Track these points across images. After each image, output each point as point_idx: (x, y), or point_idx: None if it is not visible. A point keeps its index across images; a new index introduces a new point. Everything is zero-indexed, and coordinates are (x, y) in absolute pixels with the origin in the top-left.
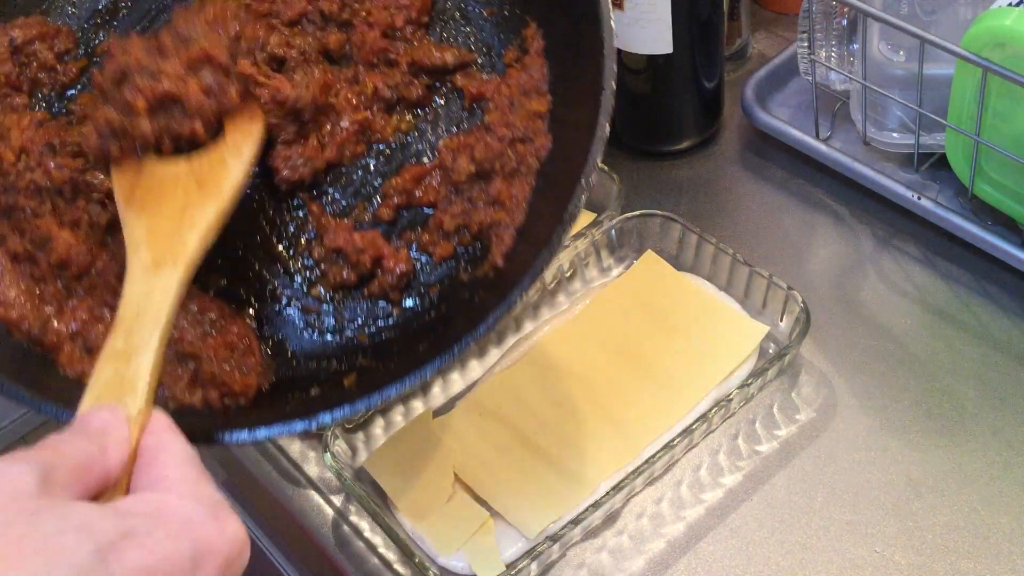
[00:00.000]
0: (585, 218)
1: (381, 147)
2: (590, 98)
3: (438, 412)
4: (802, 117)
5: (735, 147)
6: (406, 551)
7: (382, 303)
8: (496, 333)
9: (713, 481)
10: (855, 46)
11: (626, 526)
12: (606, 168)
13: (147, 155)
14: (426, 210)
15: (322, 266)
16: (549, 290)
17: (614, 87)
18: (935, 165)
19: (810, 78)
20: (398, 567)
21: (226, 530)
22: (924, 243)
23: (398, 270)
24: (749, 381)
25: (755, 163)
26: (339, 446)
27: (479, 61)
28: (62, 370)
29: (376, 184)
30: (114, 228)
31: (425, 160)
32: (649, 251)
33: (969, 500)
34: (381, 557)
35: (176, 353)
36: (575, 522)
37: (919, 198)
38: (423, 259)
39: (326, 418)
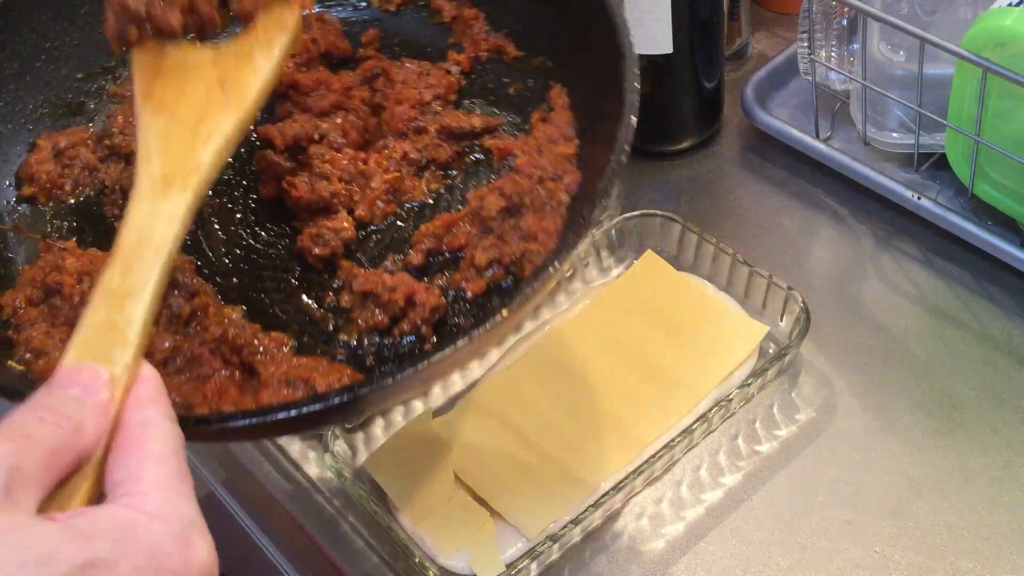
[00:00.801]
0: None
1: (413, 207)
2: (612, 131)
3: (438, 412)
4: (802, 117)
5: (735, 147)
6: (406, 551)
7: (411, 338)
8: None
9: (713, 481)
10: (855, 46)
11: (626, 526)
12: None
13: (170, 41)
14: (457, 254)
15: (352, 312)
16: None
17: (634, 121)
18: (935, 165)
19: (810, 78)
20: (398, 567)
21: (192, 560)
22: (924, 243)
23: (430, 303)
24: (749, 381)
25: (755, 163)
26: (339, 446)
27: (506, 123)
28: None
29: (407, 236)
30: (195, 319)
31: (457, 209)
32: (649, 251)
33: (969, 500)
34: (381, 557)
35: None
36: (575, 522)
37: (919, 198)
38: (455, 295)
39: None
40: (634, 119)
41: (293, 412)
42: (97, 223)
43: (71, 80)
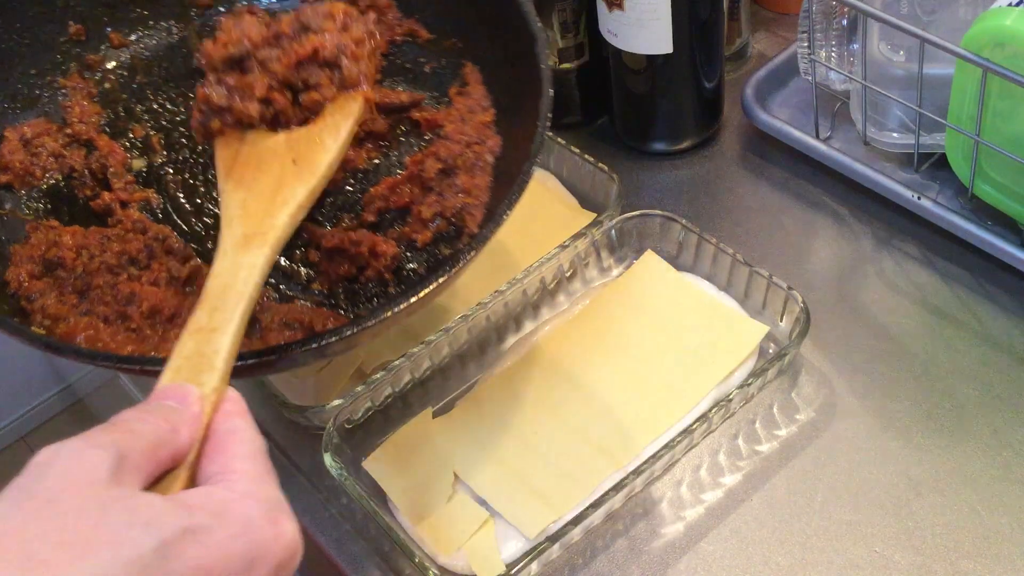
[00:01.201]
0: (585, 218)
1: (357, 174)
2: (529, 102)
3: (438, 412)
4: (802, 117)
5: (735, 147)
6: (406, 551)
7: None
8: (496, 332)
9: (713, 481)
10: (855, 46)
11: (626, 526)
12: (606, 168)
13: (248, 130)
14: (404, 211)
15: (320, 266)
16: (549, 290)
17: (551, 93)
18: (935, 165)
19: (810, 78)
20: (398, 567)
21: (282, 535)
22: (924, 243)
23: (390, 253)
24: (749, 381)
25: (755, 163)
26: (339, 446)
27: (428, 97)
28: None
29: (358, 198)
30: (191, 279)
31: (397, 173)
32: (649, 251)
33: (969, 500)
34: (381, 557)
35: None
36: (575, 522)
37: (919, 198)
38: (407, 244)
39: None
40: (551, 92)
41: (313, 345)
42: (71, 203)
43: (27, 76)
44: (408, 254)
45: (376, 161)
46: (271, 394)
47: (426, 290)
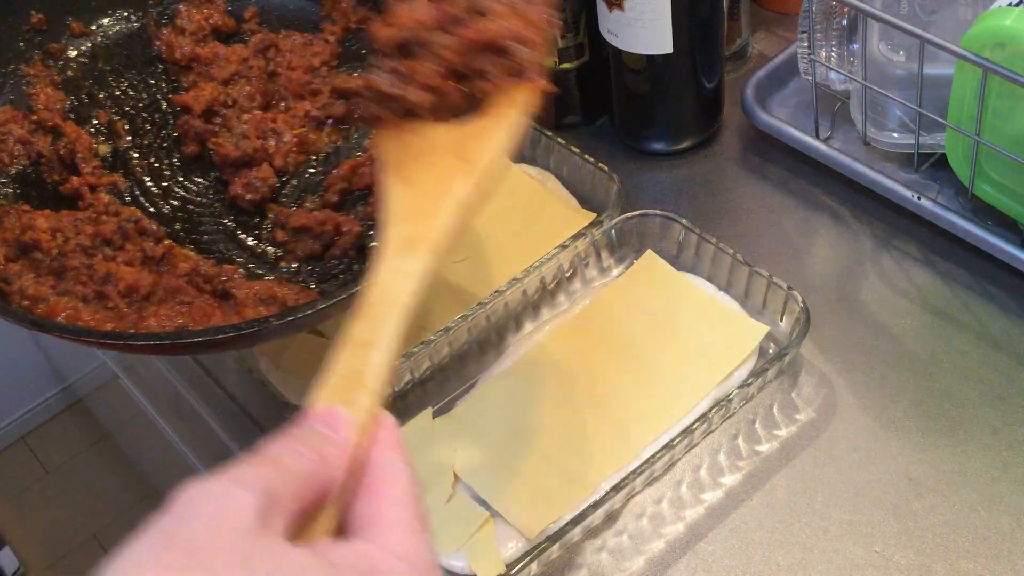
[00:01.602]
0: (585, 218)
1: (320, 156)
2: None
3: (438, 412)
4: (802, 117)
5: (735, 147)
6: None
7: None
8: (496, 332)
9: (713, 481)
10: (855, 46)
11: (626, 526)
12: (606, 168)
13: (413, 120)
14: (366, 191)
15: (288, 245)
16: (549, 290)
17: None
18: (935, 165)
19: (810, 78)
20: None
21: None
22: (924, 243)
23: (354, 231)
24: (749, 381)
25: (755, 163)
26: None
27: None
28: None
29: (320, 180)
30: (165, 259)
31: (357, 156)
32: (649, 251)
33: (969, 500)
34: None
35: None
36: (575, 522)
37: (919, 198)
38: (370, 224)
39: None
40: None
41: (289, 318)
42: (40, 188)
43: None
44: (371, 232)
45: (338, 144)
46: (271, 394)
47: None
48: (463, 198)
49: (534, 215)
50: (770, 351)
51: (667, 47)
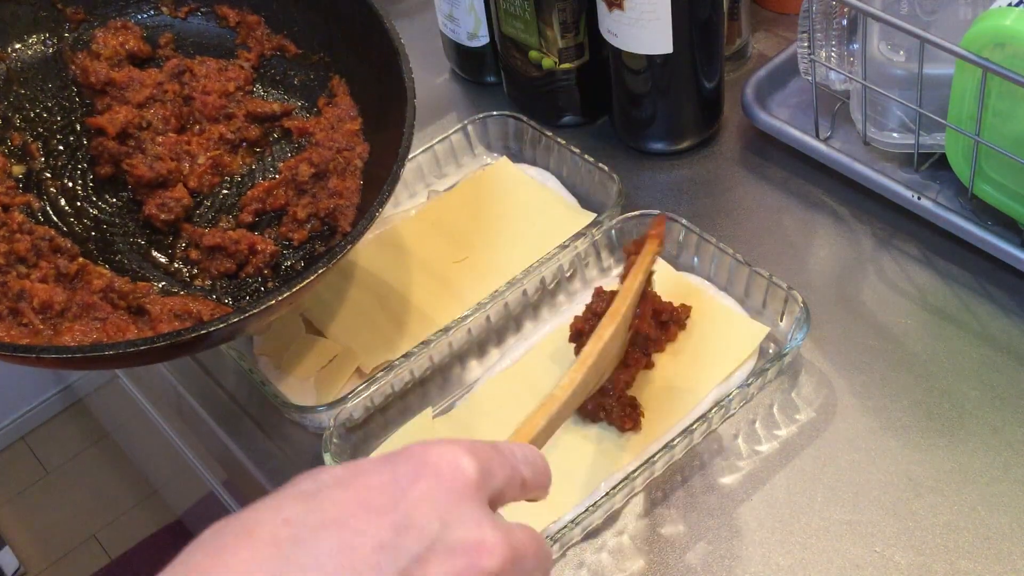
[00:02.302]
0: (585, 218)
1: (234, 178)
2: (396, 111)
3: (438, 412)
4: (802, 117)
5: (735, 147)
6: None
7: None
8: (496, 332)
9: (713, 481)
10: (855, 46)
11: (626, 526)
12: (606, 168)
13: None
14: (280, 212)
15: (202, 264)
16: (549, 290)
17: (414, 104)
18: (935, 165)
19: (810, 78)
20: None
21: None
22: (924, 243)
23: (268, 250)
24: (749, 381)
25: (755, 163)
26: (339, 446)
27: (298, 107)
28: None
29: (234, 201)
30: (79, 276)
31: (272, 177)
32: None
33: (969, 500)
34: None
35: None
36: (575, 522)
37: (919, 198)
38: (285, 243)
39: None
40: (415, 101)
41: (202, 331)
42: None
43: None
44: (285, 252)
45: (252, 166)
46: (271, 394)
47: (306, 280)
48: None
49: (534, 215)
50: (770, 351)
51: (667, 47)
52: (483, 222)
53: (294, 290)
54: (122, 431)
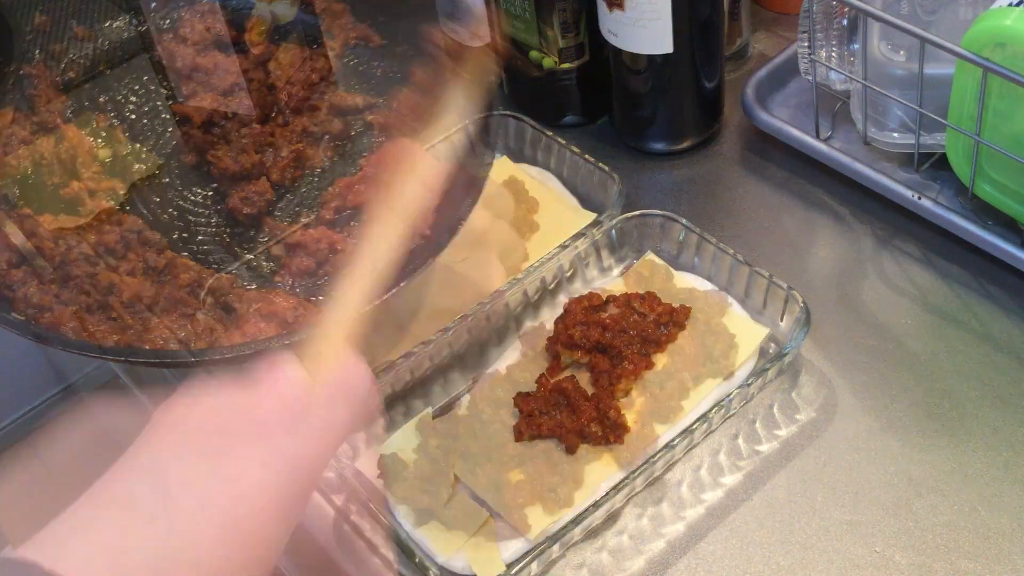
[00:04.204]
0: (585, 218)
1: (317, 171)
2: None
3: (438, 412)
4: (802, 117)
5: (735, 147)
6: (406, 551)
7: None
8: (496, 332)
9: (713, 481)
10: (855, 46)
11: (626, 526)
12: (606, 168)
13: None
14: (359, 209)
15: (282, 260)
16: (549, 290)
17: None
18: (935, 165)
19: (810, 78)
20: (398, 567)
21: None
22: (924, 243)
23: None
24: (749, 381)
25: (755, 163)
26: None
27: (381, 103)
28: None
29: (315, 196)
30: (167, 269)
31: (352, 172)
32: (649, 251)
33: (969, 500)
34: (381, 557)
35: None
36: (575, 522)
37: (919, 198)
38: None
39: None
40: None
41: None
42: (40, 191)
43: None
44: None
45: (332, 160)
46: None
47: (387, 293)
48: None
49: (534, 215)
50: (770, 351)
51: (667, 47)
52: (483, 222)
53: (384, 296)
54: (123, 431)
